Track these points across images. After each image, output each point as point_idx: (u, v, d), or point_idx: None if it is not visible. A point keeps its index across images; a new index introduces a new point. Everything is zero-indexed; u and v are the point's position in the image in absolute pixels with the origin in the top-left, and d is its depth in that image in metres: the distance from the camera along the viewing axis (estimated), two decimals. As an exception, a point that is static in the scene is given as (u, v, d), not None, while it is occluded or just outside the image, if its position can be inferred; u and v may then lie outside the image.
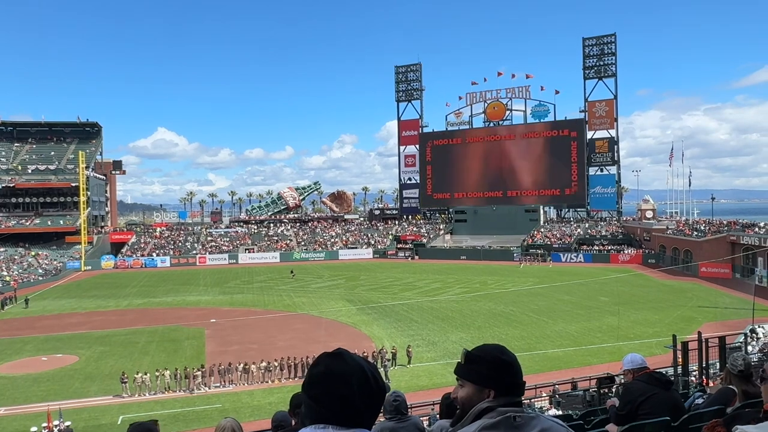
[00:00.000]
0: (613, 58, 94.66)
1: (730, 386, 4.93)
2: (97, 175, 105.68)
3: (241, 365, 30.56)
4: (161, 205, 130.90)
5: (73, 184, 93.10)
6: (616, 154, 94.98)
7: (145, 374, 29.14)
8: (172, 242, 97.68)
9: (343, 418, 1.91)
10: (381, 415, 5.34)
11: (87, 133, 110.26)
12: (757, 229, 62.18)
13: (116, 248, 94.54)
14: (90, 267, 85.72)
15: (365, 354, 30.66)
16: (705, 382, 14.27)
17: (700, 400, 5.63)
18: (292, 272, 74.03)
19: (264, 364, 30.70)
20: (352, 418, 1.92)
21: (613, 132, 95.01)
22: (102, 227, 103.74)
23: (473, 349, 2.42)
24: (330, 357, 2.00)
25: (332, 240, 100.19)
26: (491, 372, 2.30)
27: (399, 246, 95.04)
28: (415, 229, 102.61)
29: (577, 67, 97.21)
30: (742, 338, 26.37)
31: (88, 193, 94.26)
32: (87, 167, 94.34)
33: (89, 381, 30.94)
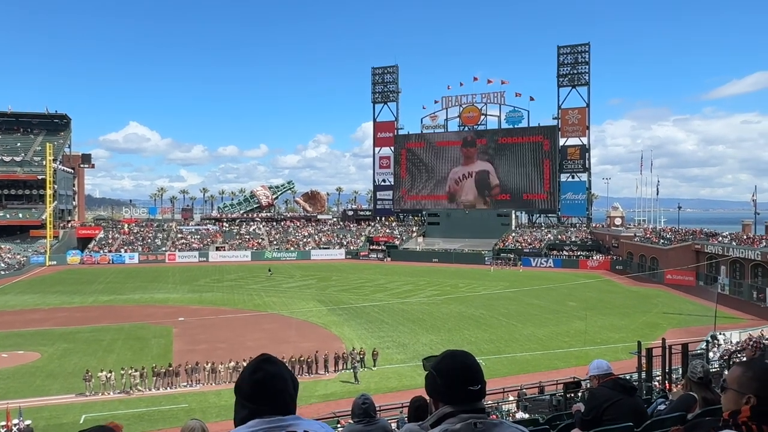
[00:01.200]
0: (587, 67, 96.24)
1: (691, 393, 5.05)
2: (65, 168, 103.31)
3: (209, 365, 30.20)
4: (131, 201, 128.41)
5: (40, 177, 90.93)
6: (587, 162, 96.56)
7: (110, 372, 28.60)
8: (141, 238, 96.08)
9: (281, 410, 2.24)
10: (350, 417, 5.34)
11: (55, 124, 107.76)
12: (720, 239, 63.83)
13: (83, 243, 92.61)
14: (55, 262, 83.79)
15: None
16: (668, 387, 14.60)
17: (662, 406, 5.75)
18: (269, 270, 73.80)
19: (232, 363, 30.38)
20: (287, 408, 2.26)
21: (584, 139, 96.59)
22: (68, 222, 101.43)
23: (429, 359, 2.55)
24: (266, 362, 2.30)
25: (305, 240, 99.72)
26: (432, 383, 2.42)
27: (372, 247, 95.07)
28: (388, 230, 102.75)
29: (551, 74, 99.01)
30: (704, 345, 27.03)
31: (55, 186, 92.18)
32: (54, 160, 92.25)
33: (51, 379, 30.23)
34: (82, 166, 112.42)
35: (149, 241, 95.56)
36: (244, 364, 29.79)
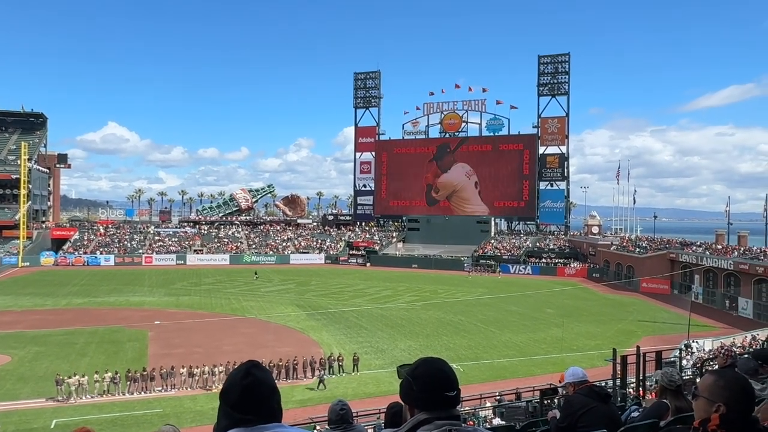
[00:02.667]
0: (567, 76, 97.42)
1: (664, 400, 5.13)
2: (40, 168, 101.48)
3: (185, 369, 29.83)
4: (107, 202, 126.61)
5: (14, 176, 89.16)
6: (566, 170, 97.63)
7: (83, 376, 28.08)
8: (117, 240, 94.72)
9: (266, 417, 2.24)
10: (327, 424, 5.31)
11: (31, 123, 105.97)
12: (694, 248, 64.96)
13: (57, 245, 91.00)
14: (28, 263, 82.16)
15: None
16: (642, 394, 14.80)
17: (635, 413, 5.82)
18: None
19: (208, 368, 30.06)
20: (274, 415, 2.27)
21: (563, 148, 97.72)
22: (43, 222, 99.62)
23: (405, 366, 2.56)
24: (255, 368, 2.29)
25: (284, 244, 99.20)
26: (408, 389, 2.43)
27: (351, 252, 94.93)
28: (368, 235, 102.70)
29: (531, 83, 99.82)
30: (677, 353, 27.44)
31: (30, 186, 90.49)
32: (29, 159, 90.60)
33: (22, 382, 29.61)
34: (57, 166, 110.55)
35: (125, 243, 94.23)
36: (220, 369, 29.72)
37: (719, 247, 63.10)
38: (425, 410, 2.34)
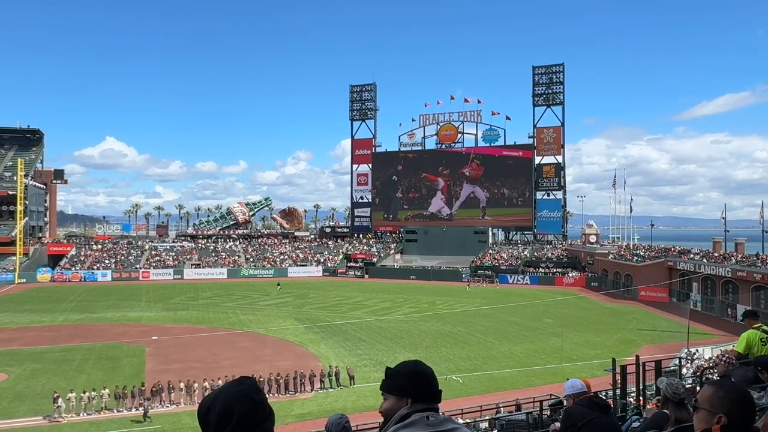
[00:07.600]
0: (561, 86, 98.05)
1: (665, 410, 5.11)
2: (37, 184, 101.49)
3: (183, 384, 29.64)
4: (104, 217, 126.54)
5: (11, 193, 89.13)
6: (562, 180, 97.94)
7: (84, 392, 27.91)
8: (114, 255, 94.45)
9: None
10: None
11: (27, 139, 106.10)
12: (692, 256, 65.01)
13: (54, 260, 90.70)
14: (24, 280, 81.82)
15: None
16: (642, 403, 14.74)
17: (636, 424, 5.80)
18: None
19: (207, 383, 29.84)
20: None
21: (559, 158, 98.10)
22: (39, 238, 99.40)
23: (394, 366, 2.69)
24: (254, 386, 2.18)
25: (282, 257, 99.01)
26: (406, 382, 2.56)
27: (349, 264, 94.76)
28: (365, 247, 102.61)
29: (526, 94, 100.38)
30: (677, 361, 27.36)
31: (26, 202, 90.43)
32: (26, 175, 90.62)
33: (18, 401, 29.37)
34: (54, 181, 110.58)
35: (123, 258, 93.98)
36: (220, 383, 29.41)
37: (717, 254, 63.17)
38: (418, 402, 2.50)
